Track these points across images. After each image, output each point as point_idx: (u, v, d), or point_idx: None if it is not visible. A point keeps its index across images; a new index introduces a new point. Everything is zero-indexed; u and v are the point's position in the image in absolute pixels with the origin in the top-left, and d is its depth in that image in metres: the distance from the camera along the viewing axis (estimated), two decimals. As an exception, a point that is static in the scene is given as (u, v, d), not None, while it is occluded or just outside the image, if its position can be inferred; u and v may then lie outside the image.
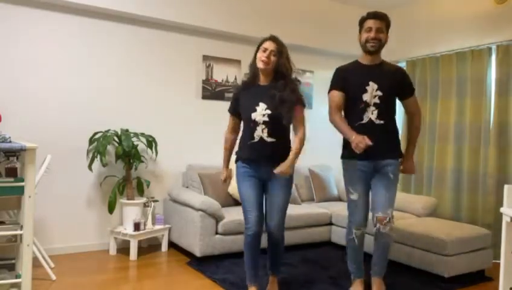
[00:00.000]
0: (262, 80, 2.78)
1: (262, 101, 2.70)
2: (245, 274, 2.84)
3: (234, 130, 2.93)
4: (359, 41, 2.93)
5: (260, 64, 2.70)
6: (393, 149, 2.92)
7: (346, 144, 2.89)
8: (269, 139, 2.69)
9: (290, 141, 2.81)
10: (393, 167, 2.86)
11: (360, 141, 2.64)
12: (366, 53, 2.89)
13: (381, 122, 2.83)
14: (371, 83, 2.82)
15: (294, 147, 2.72)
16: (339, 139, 3.02)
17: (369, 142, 2.64)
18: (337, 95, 2.89)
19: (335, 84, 2.93)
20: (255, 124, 2.70)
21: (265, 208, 2.79)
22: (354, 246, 2.95)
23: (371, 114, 2.82)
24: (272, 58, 2.69)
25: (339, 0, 5.08)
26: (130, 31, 4.11)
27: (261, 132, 2.69)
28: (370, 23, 2.83)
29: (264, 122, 2.68)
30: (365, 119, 2.82)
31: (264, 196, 2.80)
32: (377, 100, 2.82)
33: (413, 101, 2.98)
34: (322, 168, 4.86)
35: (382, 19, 2.85)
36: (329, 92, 2.96)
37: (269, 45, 2.71)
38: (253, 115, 2.70)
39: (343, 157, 2.97)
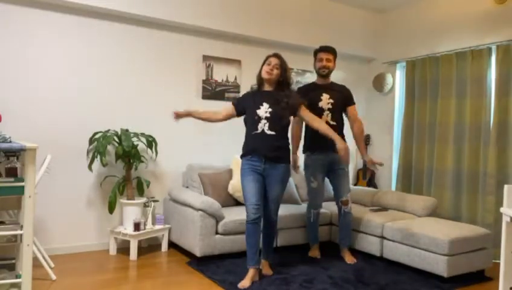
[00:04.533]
0: (267, 87, 3.30)
1: (266, 102, 3.21)
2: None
3: (226, 115, 3.37)
4: (314, 68, 3.79)
5: (265, 75, 3.24)
6: None
7: (309, 142, 3.74)
8: (269, 132, 3.17)
9: (288, 136, 3.30)
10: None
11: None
12: (319, 76, 3.76)
13: (334, 123, 3.63)
14: (324, 94, 3.69)
15: (294, 146, 3.58)
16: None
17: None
18: None
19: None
20: (259, 118, 3.19)
21: (265, 195, 3.24)
22: (312, 223, 3.85)
23: (327, 117, 3.65)
24: (275, 71, 3.22)
25: (339, 0, 5.08)
26: (130, 31, 4.11)
27: (263, 126, 3.18)
28: (321, 54, 3.71)
29: (266, 118, 3.18)
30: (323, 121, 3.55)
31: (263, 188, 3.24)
32: (330, 106, 3.66)
33: (353, 109, 3.79)
34: (322, 168, 4.85)
35: (330, 51, 3.71)
36: None
37: (273, 60, 3.24)
38: (258, 111, 3.20)
39: (305, 151, 3.77)
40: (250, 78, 3.51)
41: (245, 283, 3.09)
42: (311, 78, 5.18)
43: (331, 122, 3.63)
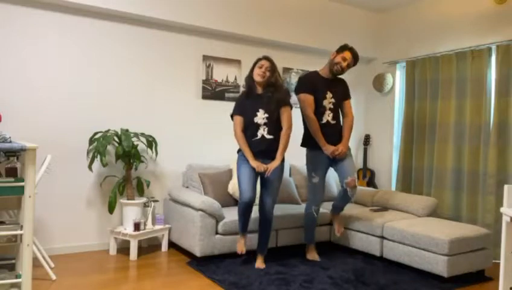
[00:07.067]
0: (258, 90, 3.48)
1: (261, 108, 3.43)
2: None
3: (243, 128, 3.49)
4: (331, 58, 3.62)
5: (258, 78, 3.42)
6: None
7: (311, 137, 3.60)
8: (269, 136, 3.44)
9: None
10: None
11: (332, 152, 3.53)
12: (329, 71, 3.63)
13: (334, 122, 3.64)
14: (328, 92, 3.61)
15: (281, 144, 3.44)
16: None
17: (335, 154, 3.54)
18: (311, 98, 3.56)
19: (307, 89, 3.57)
20: (257, 125, 3.43)
21: (260, 192, 3.47)
22: (313, 219, 3.73)
23: (328, 116, 3.61)
24: (267, 73, 3.41)
25: (339, 0, 5.08)
26: (130, 31, 4.11)
27: (262, 131, 3.43)
28: (347, 54, 3.57)
29: (264, 124, 3.42)
30: (324, 120, 3.59)
31: (258, 180, 3.45)
32: (331, 106, 3.62)
33: (348, 104, 3.71)
34: (322, 168, 4.85)
35: (357, 59, 3.63)
36: (299, 94, 3.59)
37: (264, 63, 3.42)
38: (255, 119, 3.43)
39: (308, 146, 3.66)
40: (250, 78, 3.52)
41: (242, 248, 3.50)
42: (311, 78, 5.19)
43: (332, 122, 3.62)
